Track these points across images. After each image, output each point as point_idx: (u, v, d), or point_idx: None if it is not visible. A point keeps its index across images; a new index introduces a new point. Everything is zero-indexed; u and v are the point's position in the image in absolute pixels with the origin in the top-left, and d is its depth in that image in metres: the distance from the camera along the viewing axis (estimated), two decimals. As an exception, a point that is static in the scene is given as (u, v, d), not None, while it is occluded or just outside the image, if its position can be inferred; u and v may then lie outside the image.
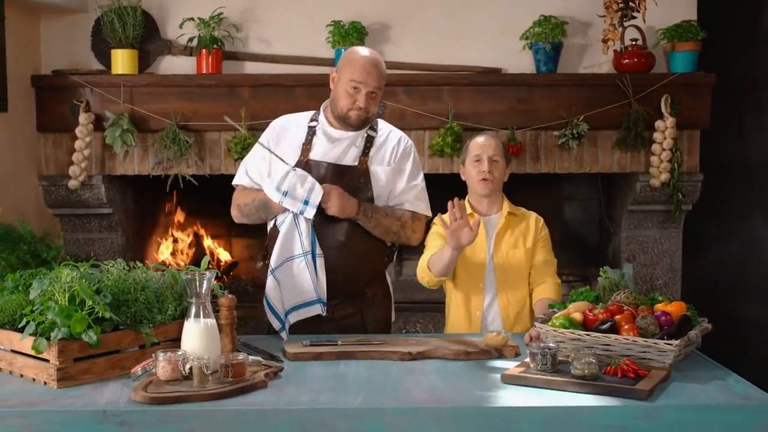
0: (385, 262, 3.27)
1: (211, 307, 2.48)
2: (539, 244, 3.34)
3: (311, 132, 3.13)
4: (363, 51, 3.10)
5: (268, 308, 2.98)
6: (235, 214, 3.23)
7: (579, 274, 5.23)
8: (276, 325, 2.96)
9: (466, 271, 3.33)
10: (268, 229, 3.19)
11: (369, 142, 3.15)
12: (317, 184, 2.96)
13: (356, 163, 3.11)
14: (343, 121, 3.10)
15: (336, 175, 3.05)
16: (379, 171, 3.13)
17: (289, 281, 2.98)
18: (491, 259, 3.31)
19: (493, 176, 3.29)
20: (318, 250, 2.99)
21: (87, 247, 4.72)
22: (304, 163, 3.06)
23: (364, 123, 3.11)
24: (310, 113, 3.21)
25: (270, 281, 2.99)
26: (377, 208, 3.12)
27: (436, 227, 3.40)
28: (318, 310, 2.99)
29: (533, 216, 3.40)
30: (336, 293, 3.05)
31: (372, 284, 3.24)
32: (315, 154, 3.09)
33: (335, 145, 3.10)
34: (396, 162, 3.17)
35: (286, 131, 3.16)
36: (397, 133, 3.24)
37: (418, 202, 3.22)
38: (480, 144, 3.34)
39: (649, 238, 4.83)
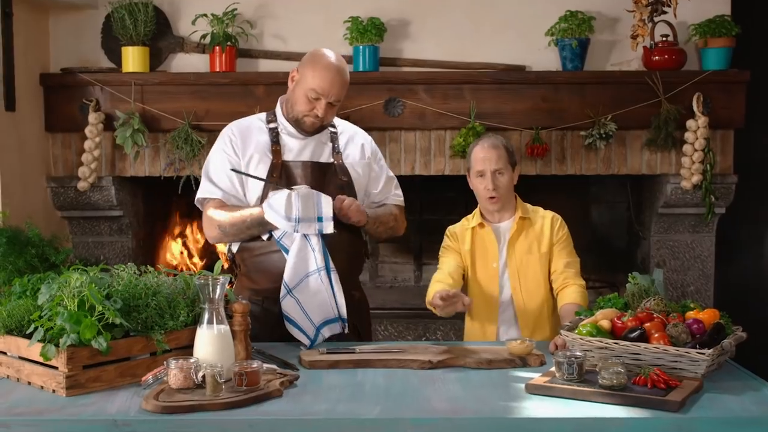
0: (364, 260, 3.30)
1: (224, 313, 2.48)
2: (558, 246, 3.32)
3: (274, 133, 3.12)
4: (329, 57, 3.06)
5: (292, 326, 2.94)
6: (215, 234, 3.07)
7: (607, 280, 5.21)
8: (306, 341, 2.93)
9: (478, 283, 3.33)
10: (234, 248, 3.13)
11: (334, 137, 3.18)
12: (322, 195, 2.93)
13: (331, 160, 3.13)
14: (296, 124, 3.09)
15: (317, 174, 3.06)
16: (356, 167, 3.16)
17: (309, 299, 2.94)
18: (505, 268, 3.31)
19: (499, 192, 3.28)
20: (332, 265, 2.95)
21: (96, 250, 4.74)
22: (280, 165, 3.05)
23: (318, 130, 3.11)
24: (263, 115, 3.20)
25: (288, 301, 2.93)
26: (376, 210, 3.18)
27: (447, 241, 3.40)
28: (338, 328, 2.97)
29: (549, 216, 3.37)
30: None
31: (357, 286, 3.27)
32: (288, 155, 3.08)
33: (305, 144, 3.11)
34: (368, 158, 3.22)
35: (250, 134, 3.11)
36: (357, 129, 3.30)
37: (398, 193, 3.31)
38: (481, 158, 3.30)
39: (681, 243, 4.80)
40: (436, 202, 5.42)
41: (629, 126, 4.57)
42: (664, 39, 4.52)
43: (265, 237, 3.04)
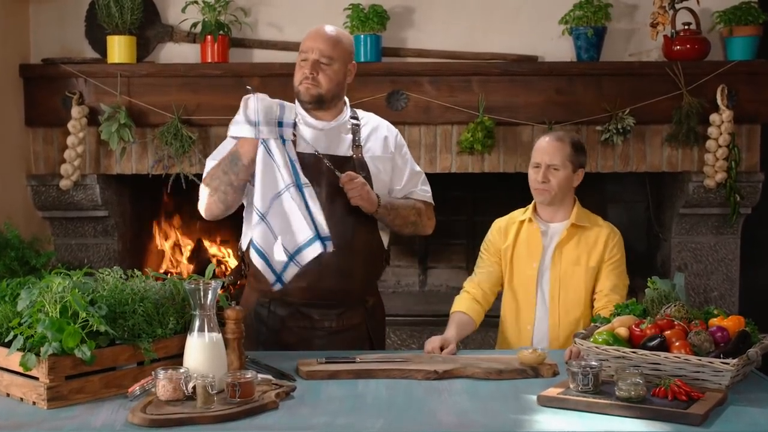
0: (384, 266, 3.31)
1: (216, 320, 2.49)
2: (609, 266, 3.30)
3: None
4: (322, 26, 3.12)
5: (259, 257, 2.87)
6: (206, 203, 3.05)
7: (624, 285, 5.21)
8: (270, 277, 2.88)
9: (518, 280, 3.37)
10: (243, 244, 3.15)
11: (356, 129, 3.18)
12: (286, 103, 2.91)
13: (351, 153, 3.14)
14: (298, 100, 3.12)
15: (334, 167, 3.05)
16: (377, 161, 3.17)
17: (281, 223, 2.86)
18: (547, 271, 3.33)
19: (550, 186, 3.30)
20: (303, 179, 2.87)
21: (80, 253, 4.75)
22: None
23: (318, 101, 3.08)
24: None
25: (260, 229, 2.87)
26: (393, 200, 3.18)
27: (489, 236, 3.46)
28: (318, 248, 2.85)
29: (606, 230, 3.36)
30: (341, 300, 3.08)
31: (373, 292, 3.29)
32: (305, 147, 3.08)
33: (323, 135, 3.12)
34: (393, 152, 3.22)
35: None
36: (382, 121, 3.30)
37: (426, 189, 3.31)
38: (540, 149, 3.35)
39: (703, 245, 4.80)
40: (442, 201, 5.38)
41: (649, 120, 4.57)
42: (686, 27, 4.51)
43: (246, 242, 3.07)
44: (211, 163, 3.11)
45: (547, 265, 3.33)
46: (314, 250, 2.85)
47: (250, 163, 2.90)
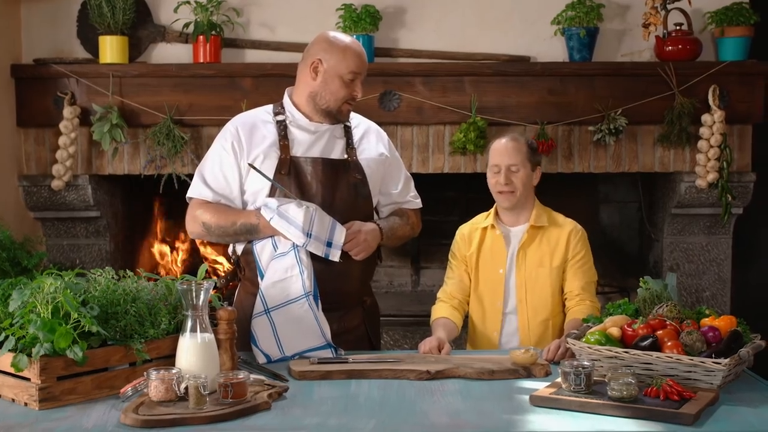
0: (377, 263, 3.33)
1: (208, 321, 2.49)
2: (574, 264, 3.30)
3: (282, 126, 3.09)
4: (347, 37, 3.10)
5: (254, 346, 2.92)
6: (198, 232, 3.11)
7: (617, 285, 5.22)
8: (261, 359, 2.90)
9: (484, 287, 3.36)
10: (240, 246, 3.13)
11: (348, 132, 3.18)
12: (337, 222, 2.96)
13: (345, 156, 3.13)
14: (329, 115, 3.09)
15: (329, 172, 3.05)
16: (371, 163, 3.17)
17: (291, 327, 2.91)
18: (512, 276, 3.31)
19: (515, 187, 3.28)
20: (317, 291, 2.95)
21: (72, 254, 4.74)
22: (289, 161, 3.03)
23: (335, 121, 3.12)
24: (268, 107, 3.18)
25: (261, 320, 2.92)
26: (390, 223, 3.19)
27: (455, 246, 3.44)
28: (329, 354, 2.93)
29: (568, 228, 3.34)
30: (341, 303, 3.08)
31: (369, 292, 3.31)
32: (297, 150, 3.06)
33: (316, 138, 3.09)
34: (384, 153, 3.23)
35: (256, 130, 3.09)
36: (371, 123, 3.31)
37: (415, 194, 3.35)
38: (498, 151, 3.33)
39: (695, 245, 4.81)
40: (435, 202, 5.41)
41: (641, 121, 4.58)
42: (677, 28, 4.52)
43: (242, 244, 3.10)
44: (202, 188, 3.09)
45: (511, 269, 3.32)
46: (325, 355, 2.91)
47: (265, 237, 3.00)
